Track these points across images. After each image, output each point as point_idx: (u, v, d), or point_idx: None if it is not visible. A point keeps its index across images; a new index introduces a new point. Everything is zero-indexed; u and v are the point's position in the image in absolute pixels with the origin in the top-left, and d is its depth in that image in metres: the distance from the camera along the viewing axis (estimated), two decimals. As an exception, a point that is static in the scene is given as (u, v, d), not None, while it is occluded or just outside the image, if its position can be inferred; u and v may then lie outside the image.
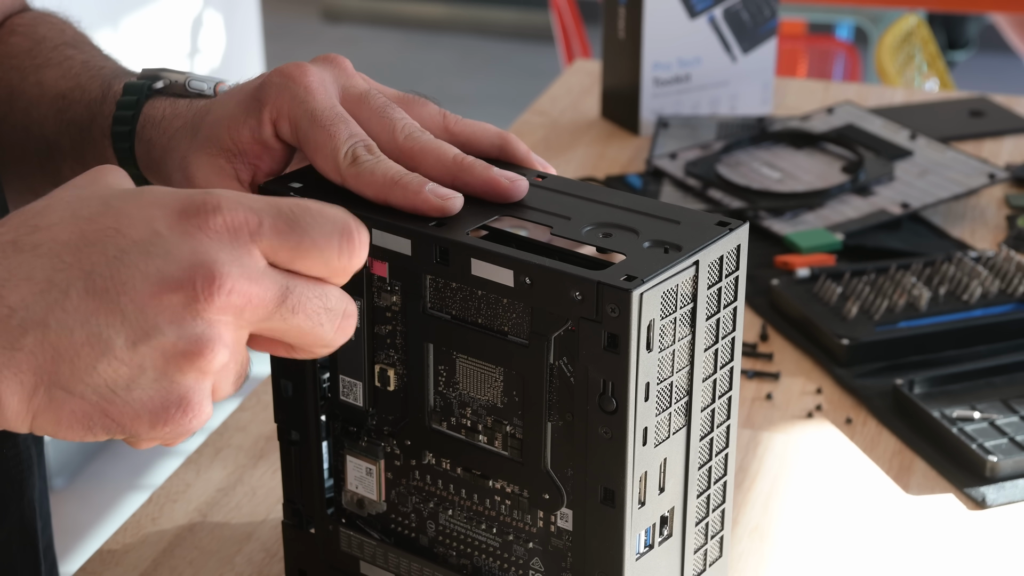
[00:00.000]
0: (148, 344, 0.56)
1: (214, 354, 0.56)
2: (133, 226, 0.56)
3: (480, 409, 0.70)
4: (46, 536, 0.94)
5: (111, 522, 2.42)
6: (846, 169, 1.34)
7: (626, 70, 1.49)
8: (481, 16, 4.85)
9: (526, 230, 0.70)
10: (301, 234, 0.58)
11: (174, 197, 0.58)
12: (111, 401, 0.56)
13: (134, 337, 0.56)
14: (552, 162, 1.43)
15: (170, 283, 0.55)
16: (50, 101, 0.84)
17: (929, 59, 2.60)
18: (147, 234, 0.56)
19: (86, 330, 0.56)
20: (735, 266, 0.68)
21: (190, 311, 0.56)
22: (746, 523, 0.90)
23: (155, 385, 0.56)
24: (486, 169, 0.70)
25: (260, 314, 0.57)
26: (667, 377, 0.66)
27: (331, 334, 0.60)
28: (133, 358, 0.56)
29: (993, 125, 1.51)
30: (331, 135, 0.70)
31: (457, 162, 0.70)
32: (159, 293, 0.55)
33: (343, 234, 0.59)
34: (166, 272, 0.55)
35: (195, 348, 0.56)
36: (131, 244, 0.56)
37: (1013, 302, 1.11)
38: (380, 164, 0.69)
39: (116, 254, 0.56)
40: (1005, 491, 0.92)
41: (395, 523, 0.76)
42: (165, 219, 0.57)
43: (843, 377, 1.05)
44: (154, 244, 0.56)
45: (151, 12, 2.69)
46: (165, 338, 0.56)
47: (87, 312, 0.56)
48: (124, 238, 0.56)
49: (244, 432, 0.98)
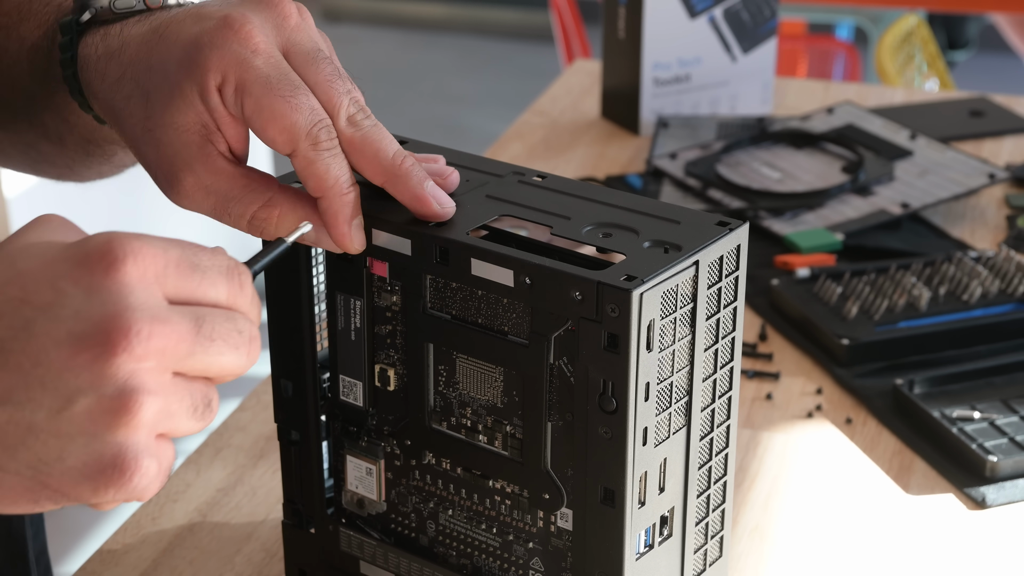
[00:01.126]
0: (71, 410, 0.54)
1: (140, 405, 0.54)
2: (38, 291, 0.54)
3: (480, 409, 0.70)
4: (39, 543, 0.93)
5: (111, 522, 2.42)
6: (846, 169, 1.34)
7: (626, 70, 1.49)
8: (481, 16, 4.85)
9: (526, 230, 0.70)
10: (202, 274, 0.57)
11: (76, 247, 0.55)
12: (47, 474, 0.55)
13: (57, 406, 0.54)
14: (552, 162, 1.43)
15: (84, 341, 0.54)
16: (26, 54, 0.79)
17: (929, 59, 2.59)
18: (51, 295, 0.54)
19: (7, 410, 0.54)
20: (735, 266, 0.68)
21: (109, 366, 0.54)
22: (746, 523, 0.90)
23: (87, 450, 0.54)
24: (419, 184, 0.67)
25: (182, 349, 0.55)
26: (667, 377, 0.66)
27: (244, 359, 0.58)
28: (60, 427, 0.54)
29: (993, 125, 1.51)
30: (292, 107, 0.65)
31: (394, 165, 0.67)
32: (74, 355, 0.54)
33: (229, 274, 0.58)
34: (77, 331, 0.54)
35: (119, 404, 0.54)
36: (37, 311, 0.54)
37: (1013, 302, 1.11)
38: (335, 160, 0.66)
39: (23, 325, 0.54)
40: (1005, 491, 0.92)
41: (395, 523, 0.76)
42: (68, 272, 0.55)
43: (843, 377, 1.05)
44: (61, 305, 0.54)
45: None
46: (88, 399, 0.54)
47: (4, 390, 0.54)
48: (29, 306, 0.54)
49: (244, 432, 0.98)
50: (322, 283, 0.73)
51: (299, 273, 0.72)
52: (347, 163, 0.67)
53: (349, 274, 0.72)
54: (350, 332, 0.73)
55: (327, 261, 0.72)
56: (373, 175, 0.67)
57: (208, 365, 0.57)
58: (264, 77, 0.65)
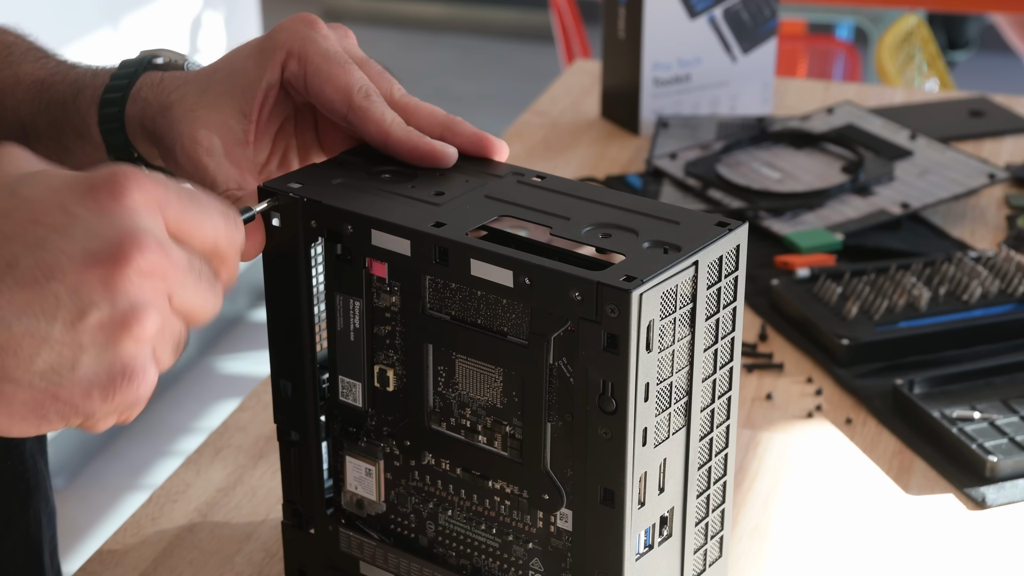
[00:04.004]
0: (85, 322, 0.57)
1: (149, 318, 0.58)
2: (48, 213, 0.58)
3: (480, 409, 0.70)
4: (52, 544, 0.94)
5: (111, 522, 2.42)
6: (846, 169, 1.34)
7: (626, 70, 1.49)
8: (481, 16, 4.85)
9: (526, 230, 0.70)
10: (199, 206, 0.61)
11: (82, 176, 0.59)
12: (59, 384, 0.58)
13: (71, 318, 0.57)
14: (552, 162, 1.43)
15: (97, 257, 0.57)
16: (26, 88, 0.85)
17: (929, 59, 2.59)
18: (63, 217, 0.58)
19: (23, 323, 0.57)
20: (735, 266, 0.68)
21: (121, 280, 0.57)
22: (746, 523, 0.90)
23: (98, 360, 0.58)
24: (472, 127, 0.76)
25: (177, 277, 0.59)
26: (667, 377, 0.66)
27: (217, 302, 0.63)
28: (74, 338, 0.57)
29: (993, 125, 1.51)
30: (345, 71, 0.75)
31: (448, 119, 0.76)
32: (88, 269, 0.57)
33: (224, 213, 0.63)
34: (91, 249, 0.57)
35: (131, 316, 0.58)
36: (49, 230, 0.57)
37: (1013, 302, 1.11)
38: (388, 110, 0.75)
39: (37, 243, 0.57)
40: (1005, 491, 0.92)
41: (395, 523, 0.76)
42: (78, 199, 0.58)
43: (843, 377, 1.05)
44: (73, 225, 0.57)
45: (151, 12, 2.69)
46: (101, 312, 0.57)
47: (21, 304, 0.57)
48: (41, 226, 0.57)
49: (244, 432, 0.98)
50: (321, 284, 0.73)
51: (298, 274, 0.72)
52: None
53: (348, 275, 0.72)
54: (349, 333, 0.73)
55: (326, 262, 0.72)
56: (431, 128, 0.76)
57: (190, 300, 0.61)
58: (324, 51, 0.75)
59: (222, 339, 2.92)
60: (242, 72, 0.76)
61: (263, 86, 0.75)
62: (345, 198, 0.70)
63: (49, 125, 0.84)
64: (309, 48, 0.75)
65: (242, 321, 2.99)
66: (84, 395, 0.58)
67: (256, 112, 0.75)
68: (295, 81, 0.75)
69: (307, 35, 0.75)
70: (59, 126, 0.84)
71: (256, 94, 0.75)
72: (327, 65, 0.75)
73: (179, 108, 0.77)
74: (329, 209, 0.70)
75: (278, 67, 0.75)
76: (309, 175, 0.72)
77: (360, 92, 0.74)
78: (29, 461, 0.90)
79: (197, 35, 2.88)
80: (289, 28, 0.76)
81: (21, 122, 0.85)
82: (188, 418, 2.67)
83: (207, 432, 1.02)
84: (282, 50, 0.75)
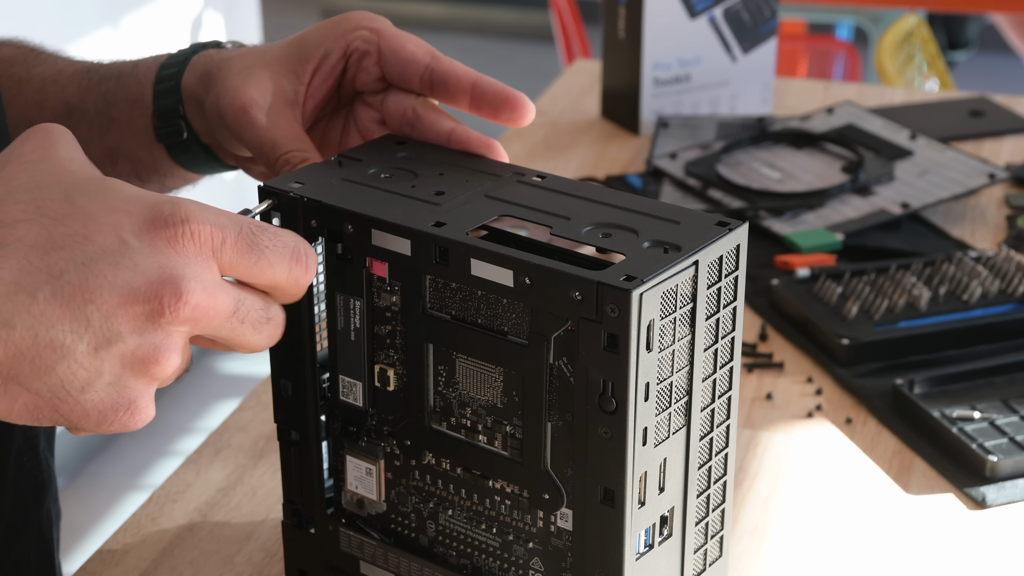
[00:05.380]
0: (109, 351, 0.58)
1: (168, 362, 0.59)
2: (101, 233, 0.58)
3: (480, 409, 0.70)
4: (57, 543, 0.95)
5: (111, 522, 2.42)
6: (846, 169, 1.34)
7: (626, 70, 1.49)
8: (481, 16, 4.85)
9: (526, 230, 0.70)
10: (259, 253, 0.61)
11: (141, 205, 0.59)
12: (64, 400, 0.59)
13: (96, 344, 0.58)
14: (552, 162, 1.43)
15: (137, 296, 0.58)
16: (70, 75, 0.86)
17: (929, 59, 2.60)
18: (115, 243, 0.58)
19: (50, 334, 0.57)
20: (735, 266, 0.68)
21: (152, 322, 0.58)
22: (746, 523, 0.90)
23: (108, 388, 0.59)
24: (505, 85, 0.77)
25: (214, 324, 0.60)
26: (667, 377, 0.66)
27: (264, 341, 0.64)
28: (93, 363, 0.58)
29: (993, 125, 1.51)
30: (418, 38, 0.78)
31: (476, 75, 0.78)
32: (125, 304, 0.58)
33: (294, 256, 0.63)
34: (134, 284, 0.58)
35: (153, 356, 0.59)
36: (100, 252, 0.58)
37: (1013, 302, 1.11)
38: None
39: (85, 261, 0.57)
40: (1005, 491, 0.92)
41: (395, 523, 0.76)
42: (133, 228, 0.58)
43: (843, 377, 1.05)
44: (123, 255, 0.58)
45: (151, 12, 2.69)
46: (125, 345, 0.58)
47: (53, 317, 0.57)
48: (93, 245, 0.58)
49: (244, 432, 0.98)
50: (322, 283, 0.73)
51: (299, 273, 0.72)
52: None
53: (349, 274, 0.72)
54: (350, 332, 0.73)
55: (327, 261, 0.72)
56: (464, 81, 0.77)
57: (230, 339, 0.62)
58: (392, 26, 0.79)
59: (222, 339, 2.92)
60: (303, 39, 0.78)
61: (321, 51, 0.77)
62: (345, 198, 0.70)
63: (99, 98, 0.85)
64: (381, 25, 0.78)
65: (242, 321, 2.99)
66: (83, 415, 0.59)
67: (309, 75, 0.77)
68: (365, 46, 0.77)
69: (375, 17, 0.78)
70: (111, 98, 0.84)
71: (313, 57, 0.77)
72: (402, 34, 0.77)
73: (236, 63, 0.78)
74: (329, 209, 0.70)
75: (342, 38, 0.77)
76: (309, 175, 0.72)
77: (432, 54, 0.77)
78: (43, 461, 0.90)
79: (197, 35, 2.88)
80: (356, 14, 0.78)
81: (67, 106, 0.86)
82: (188, 418, 2.67)
83: (207, 432, 1.02)
84: (351, 23, 0.78)
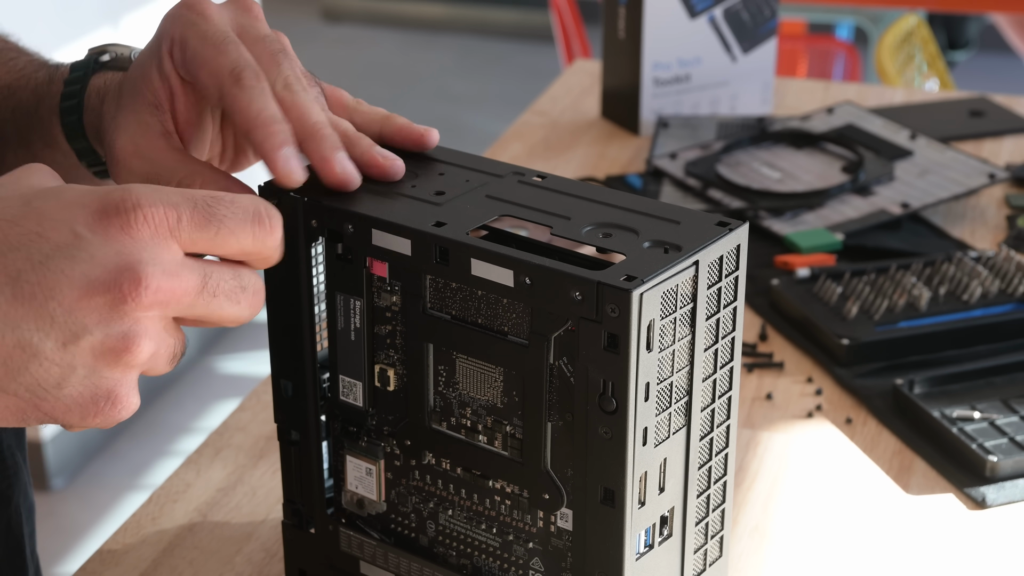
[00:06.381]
0: (77, 345, 0.58)
1: (140, 348, 0.59)
2: (56, 229, 0.58)
3: (480, 409, 0.70)
4: (32, 542, 0.94)
5: (111, 522, 2.42)
6: (846, 169, 1.34)
7: (626, 70, 1.49)
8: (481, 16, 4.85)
9: (526, 230, 0.70)
10: (218, 224, 0.60)
11: (93, 196, 0.59)
12: (43, 398, 0.59)
13: (64, 339, 0.58)
14: (552, 162, 1.43)
15: (97, 286, 0.57)
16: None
17: (929, 59, 2.59)
18: (70, 237, 0.58)
19: (16, 335, 0.57)
20: (735, 266, 0.68)
21: (117, 311, 0.58)
22: (746, 523, 0.90)
23: (85, 381, 0.59)
24: (330, 148, 0.69)
25: (184, 303, 0.60)
26: (667, 377, 0.66)
27: (246, 311, 0.63)
28: (64, 358, 0.58)
29: (993, 125, 1.51)
30: (219, 51, 0.69)
31: (314, 128, 0.69)
32: (86, 296, 0.57)
33: (255, 219, 0.62)
34: (92, 276, 0.57)
35: (122, 345, 0.58)
36: (55, 249, 0.57)
37: (1013, 302, 1.11)
38: (261, 96, 0.68)
39: (41, 259, 0.57)
40: (1005, 491, 0.92)
41: (395, 523, 0.76)
42: (86, 220, 0.58)
43: (843, 377, 1.05)
44: (78, 248, 0.58)
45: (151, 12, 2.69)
46: (93, 337, 0.58)
47: (17, 318, 0.57)
48: (47, 242, 0.58)
49: (244, 432, 0.98)
50: (322, 283, 0.73)
51: (299, 273, 0.72)
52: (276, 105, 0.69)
53: (349, 274, 0.72)
54: (350, 332, 0.73)
55: (327, 261, 0.72)
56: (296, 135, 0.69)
57: (207, 315, 0.61)
58: (202, 32, 0.70)
59: (222, 339, 2.92)
60: (141, 66, 0.73)
61: (157, 76, 0.72)
62: (346, 198, 0.70)
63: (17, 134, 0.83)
64: (188, 32, 0.70)
65: (242, 321, 2.99)
66: (65, 410, 0.59)
67: (166, 101, 0.72)
68: (180, 69, 0.71)
69: (187, 19, 0.71)
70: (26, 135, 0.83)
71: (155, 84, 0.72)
72: (203, 48, 0.70)
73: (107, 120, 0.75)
74: (330, 209, 0.70)
75: (167, 56, 0.71)
76: (310, 174, 0.72)
77: (231, 76, 0.68)
78: (7, 455, 0.90)
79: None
80: (172, 15, 0.72)
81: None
82: (188, 418, 2.67)
83: (207, 432, 1.02)
84: (166, 38, 0.71)
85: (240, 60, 0.69)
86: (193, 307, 0.60)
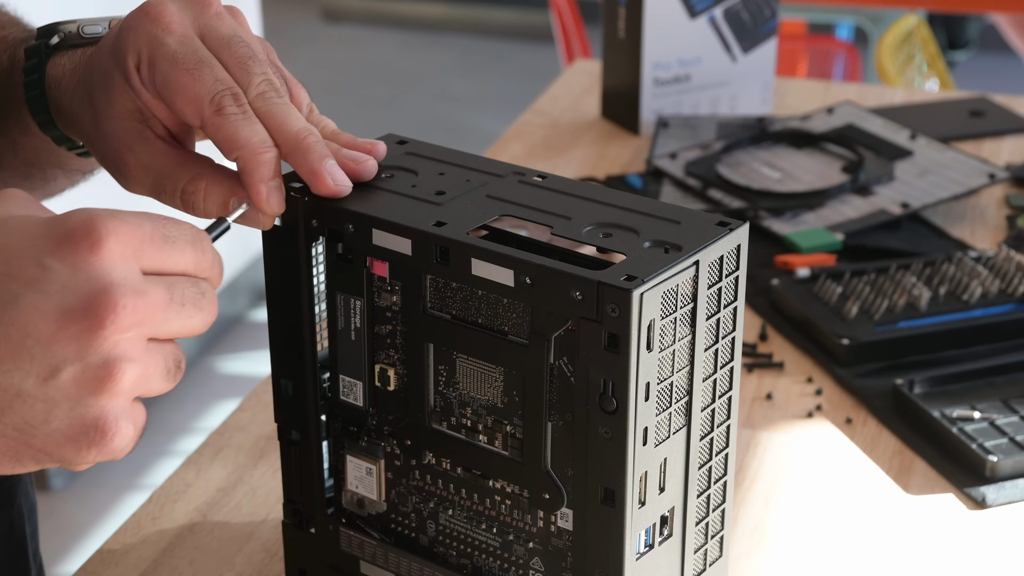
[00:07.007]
0: (58, 378, 0.57)
1: (123, 373, 0.58)
2: (22, 266, 0.57)
3: (480, 409, 0.70)
4: (34, 542, 0.95)
5: (111, 522, 2.42)
6: (846, 169, 1.34)
7: (626, 70, 1.49)
8: (481, 16, 4.85)
9: (526, 230, 0.70)
10: (172, 244, 0.60)
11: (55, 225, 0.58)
12: (32, 435, 0.58)
13: (44, 374, 0.57)
14: (552, 162, 1.43)
15: (72, 315, 0.57)
16: None
17: (929, 59, 2.59)
18: (38, 272, 0.57)
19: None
20: (735, 266, 0.68)
21: (95, 337, 0.57)
22: (746, 523, 0.90)
23: (71, 413, 0.58)
24: (318, 159, 0.69)
25: (159, 317, 0.59)
26: (667, 377, 0.66)
27: (208, 317, 0.62)
28: (46, 394, 0.57)
29: (993, 125, 1.51)
30: (194, 78, 0.68)
31: (297, 139, 0.68)
32: (62, 327, 0.57)
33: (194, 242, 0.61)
34: (66, 305, 0.57)
35: (104, 372, 0.57)
36: (24, 286, 0.57)
37: (1013, 302, 1.11)
38: (245, 123, 0.68)
39: (10, 299, 0.57)
40: (1005, 491, 0.92)
41: (395, 523, 0.76)
42: (53, 250, 0.57)
43: (843, 377, 1.05)
44: (48, 280, 0.57)
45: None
46: (74, 368, 0.57)
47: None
48: (16, 281, 0.57)
49: (244, 432, 0.98)
50: (322, 283, 0.73)
51: (299, 273, 0.72)
52: (261, 127, 0.68)
53: (349, 274, 0.72)
54: (350, 332, 0.73)
55: (327, 261, 0.72)
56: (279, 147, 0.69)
57: (180, 328, 0.60)
58: (171, 53, 0.68)
59: (222, 339, 2.92)
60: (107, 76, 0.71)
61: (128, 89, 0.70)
62: (346, 197, 0.70)
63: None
64: (156, 52, 0.69)
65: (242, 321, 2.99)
66: (57, 446, 0.58)
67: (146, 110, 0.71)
68: (151, 89, 0.70)
69: (151, 34, 0.69)
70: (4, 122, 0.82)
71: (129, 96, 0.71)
72: (175, 73, 0.68)
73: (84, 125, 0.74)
74: (330, 208, 0.70)
75: (133, 72, 0.70)
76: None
77: (211, 105, 0.67)
78: None
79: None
80: (132, 27, 0.69)
81: None
82: (188, 418, 2.67)
83: (207, 432, 1.02)
84: (131, 53, 0.69)
85: (216, 86, 0.68)
86: (167, 321, 0.59)
